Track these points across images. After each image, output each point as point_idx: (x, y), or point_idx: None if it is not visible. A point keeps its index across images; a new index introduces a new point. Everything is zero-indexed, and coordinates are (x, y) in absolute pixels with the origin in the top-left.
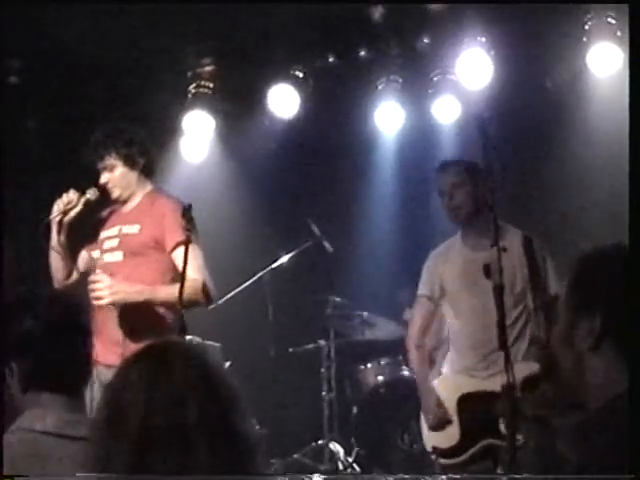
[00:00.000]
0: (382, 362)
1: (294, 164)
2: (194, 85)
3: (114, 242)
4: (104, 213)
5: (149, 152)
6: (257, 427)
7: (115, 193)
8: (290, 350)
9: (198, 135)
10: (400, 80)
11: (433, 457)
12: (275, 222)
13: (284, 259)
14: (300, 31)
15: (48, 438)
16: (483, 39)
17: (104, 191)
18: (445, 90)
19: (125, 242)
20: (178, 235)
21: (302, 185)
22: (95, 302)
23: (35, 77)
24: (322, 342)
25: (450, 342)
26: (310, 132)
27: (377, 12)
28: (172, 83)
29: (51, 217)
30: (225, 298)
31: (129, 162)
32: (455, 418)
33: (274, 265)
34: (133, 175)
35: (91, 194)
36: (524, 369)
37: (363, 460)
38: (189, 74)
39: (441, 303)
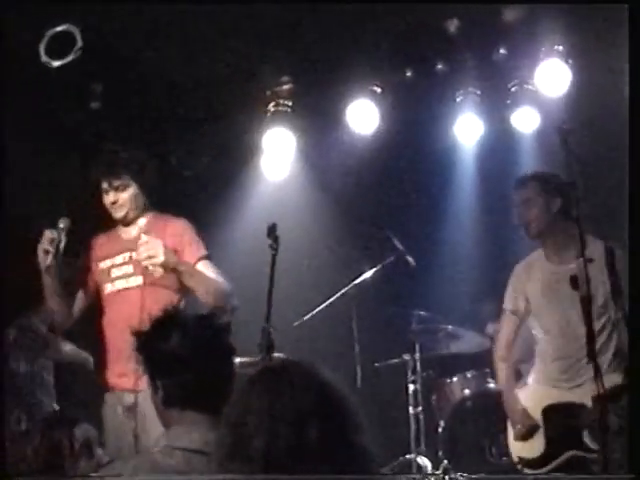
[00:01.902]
0: (468, 375)
1: (375, 179)
2: (273, 104)
3: (128, 268)
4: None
5: (156, 178)
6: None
7: (120, 213)
8: (376, 365)
9: (279, 153)
10: (478, 92)
11: (519, 467)
12: (358, 237)
13: (368, 274)
14: (377, 47)
15: (195, 456)
16: (560, 48)
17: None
18: (524, 100)
19: (143, 266)
20: (200, 252)
21: (383, 199)
22: (147, 262)
23: (116, 101)
24: (407, 356)
25: (536, 354)
26: (390, 147)
27: (452, 25)
28: (251, 102)
29: (42, 263)
30: (311, 314)
31: (143, 184)
32: (540, 429)
33: (358, 280)
34: (142, 198)
35: (64, 224)
36: (608, 380)
37: (451, 473)
38: (268, 93)
39: (527, 317)
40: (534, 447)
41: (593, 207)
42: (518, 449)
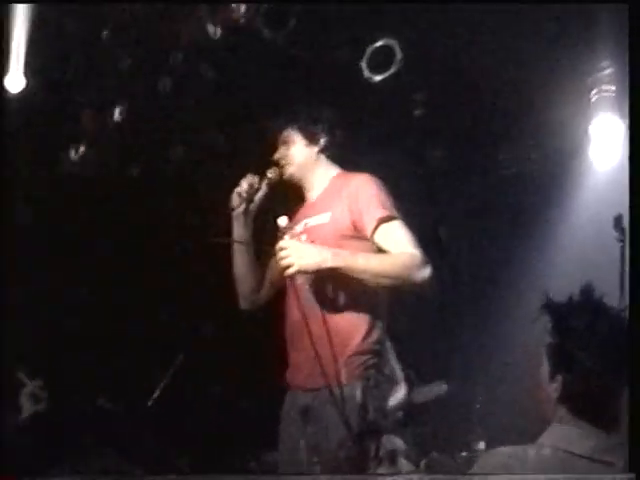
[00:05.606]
0: None
1: None
2: (595, 90)
3: (301, 239)
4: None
5: (335, 134)
6: None
7: (288, 170)
8: None
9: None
10: None
11: None
12: None
13: None
14: None
15: (571, 458)
16: None
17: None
18: None
19: (313, 235)
20: (378, 212)
21: None
22: (286, 273)
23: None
24: None
25: None
26: None
27: None
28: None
29: (234, 208)
30: None
31: (308, 137)
32: None
33: None
34: (311, 153)
35: (272, 173)
36: None
37: None
38: (589, 80)
39: None
40: None
41: None
42: None
